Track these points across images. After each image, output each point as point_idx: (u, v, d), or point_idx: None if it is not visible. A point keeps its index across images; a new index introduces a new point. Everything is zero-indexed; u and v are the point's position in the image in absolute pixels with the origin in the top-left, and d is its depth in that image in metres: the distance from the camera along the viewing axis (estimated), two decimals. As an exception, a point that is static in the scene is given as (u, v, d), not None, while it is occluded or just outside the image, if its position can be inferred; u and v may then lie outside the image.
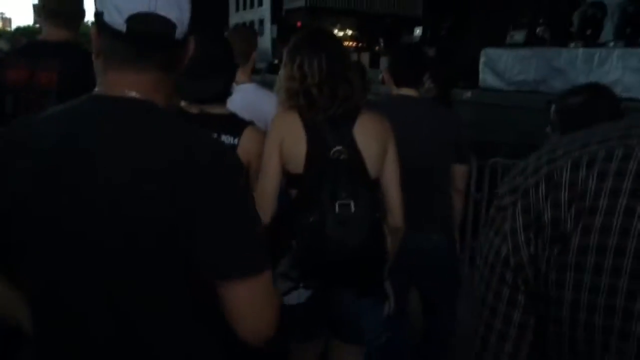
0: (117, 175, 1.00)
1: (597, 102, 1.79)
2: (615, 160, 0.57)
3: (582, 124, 1.76)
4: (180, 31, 1.06)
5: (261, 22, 35.61)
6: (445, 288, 2.97)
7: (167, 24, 1.04)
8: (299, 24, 29.75)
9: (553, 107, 1.84)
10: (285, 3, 31.12)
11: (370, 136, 2.03)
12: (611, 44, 9.45)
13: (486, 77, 11.13)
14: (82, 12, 2.85)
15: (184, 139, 1.06)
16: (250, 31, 3.56)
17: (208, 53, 1.93)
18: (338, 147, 1.95)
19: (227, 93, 2.09)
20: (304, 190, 1.97)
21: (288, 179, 2.01)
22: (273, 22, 32.72)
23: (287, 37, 2.33)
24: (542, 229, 0.60)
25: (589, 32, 9.98)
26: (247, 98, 2.72)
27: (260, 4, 35.67)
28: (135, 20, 1.01)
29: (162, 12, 1.02)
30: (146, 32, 1.03)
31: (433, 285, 2.96)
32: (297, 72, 2.00)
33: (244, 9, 38.09)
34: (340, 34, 29.37)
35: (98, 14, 1.05)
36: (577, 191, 0.58)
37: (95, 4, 1.07)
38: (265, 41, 28.55)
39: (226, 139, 1.99)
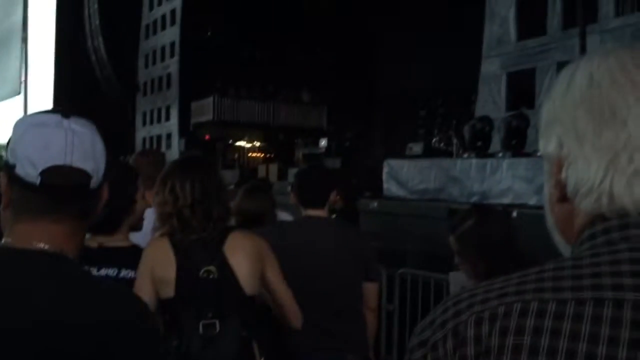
0: (15, 326, 0.95)
1: (485, 223, 1.98)
2: (514, 316, 0.59)
3: (480, 246, 1.92)
4: (95, 181, 1.05)
5: (169, 136, 35.77)
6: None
7: (82, 176, 1.03)
8: (207, 137, 30.19)
9: (451, 237, 1.99)
10: (192, 117, 31.60)
11: (242, 254, 2.05)
12: (500, 154, 10.25)
13: (390, 187, 11.63)
14: None
15: (96, 296, 1.02)
16: (156, 154, 3.56)
17: None
18: (208, 267, 1.98)
19: (116, 223, 2.05)
20: (173, 314, 1.97)
21: (161, 305, 1.98)
22: (181, 135, 32.96)
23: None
24: None
25: (479, 143, 10.82)
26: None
27: (168, 118, 36.00)
28: (49, 172, 1.00)
29: (77, 164, 1.01)
30: (61, 184, 1.01)
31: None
32: (169, 196, 2.04)
33: (151, 123, 38.25)
34: (249, 145, 30.02)
35: (9, 167, 1.03)
36: (482, 347, 0.60)
37: (6, 156, 1.05)
38: (173, 155, 28.55)
39: (126, 273, 1.96)
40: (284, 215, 3.67)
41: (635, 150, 0.61)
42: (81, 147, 1.03)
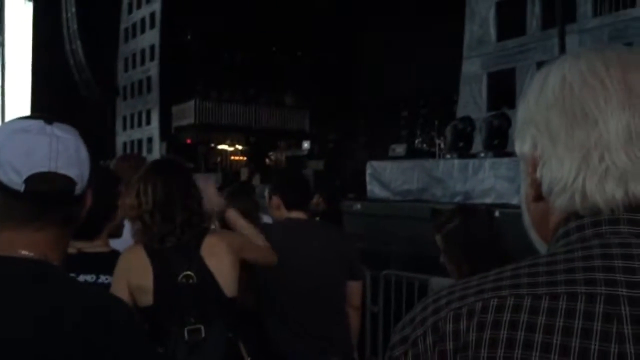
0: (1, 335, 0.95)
1: (470, 223, 2.00)
2: (491, 311, 0.61)
3: (466, 245, 1.91)
4: (79, 187, 1.05)
5: (150, 140, 35.54)
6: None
7: (67, 182, 1.02)
8: (188, 140, 30.02)
9: (437, 236, 2.00)
10: (174, 120, 31.43)
11: (219, 256, 2.03)
12: (482, 154, 10.30)
13: (373, 188, 11.63)
14: None
15: (83, 302, 1.02)
16: (137, 158, 3.50)
17: None
18: (186, 272, 1.96)
19: (96, 228, 2.01)
20: (155, 322, 1.94)
21: (142, 314, 1.95)
22: (162, 139, 32.75)
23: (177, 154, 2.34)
24: None
25: (461, 144, 10.87)
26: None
27: (149, 122, 35.76)
28: (34, 179, 0.98)
29: (62, 170, 1.00)
30: (46, 191, 1.00)
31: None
32: (134, 201, 2.02)
33: (132, 127, 37.97)
34: (231, 149, 29.90)
35: None
36: (460, 342, 0.61)
37: None
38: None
39: (104, 279, 1.92)
40: (267, 219, 3.68)
41: (606, 149, 0.63)
42: (65, 153, 1.02)
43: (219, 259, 2.02)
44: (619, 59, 0.67)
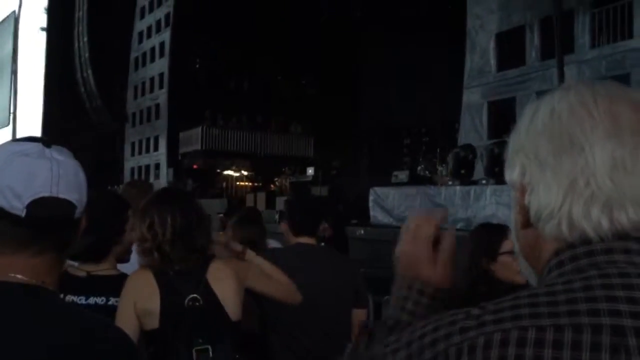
0: None
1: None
2: (495, 347, 0.60)
3: (466, 270, 2.05)
4: (79, 211, 1.03)
5: (157, 166, 35.81)
6: None
7: (68, 207, 1.00)
8: (195, 166, 30.28)
9: None
10: (181, 147, 31.70)
11: (224, 282, 2.06)
12: (483, 181, 10.46)
13: (376, 214, 11.76)
14: None
15: (77, 325, 1.00)
16: (144, 184, 3.57)
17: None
18: (193, 295, 1.99)
19: (103, 251, 2.08)
20: (161, 344, 1.95)
21: (146, 337, 2.00)
22: (169, 165, 33.02)
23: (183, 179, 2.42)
24: None
25: (463, 171, 11.04)
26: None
27: (156, 148, 36.08)
28: (35, 205, 0.96)
29: (63, 195, 0.98)
30: (47, 216, 0.98)
31: None
32: (147, 233, 2.05)
33: (140, 153, 38.29)
34: (236, 174, 30.12)
35: None
36: None
37: None
38: (161, 185, 28.59)
39: (115, 301, 1.98)
40: (273, 243, 3.71)
41: (592, 175, 0.64)
42: (66, 177, 0.99)
43: (224, 284, 2.06)
44: (606, 91, 0.69)
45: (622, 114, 0.66)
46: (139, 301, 1.96)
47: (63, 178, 0.99)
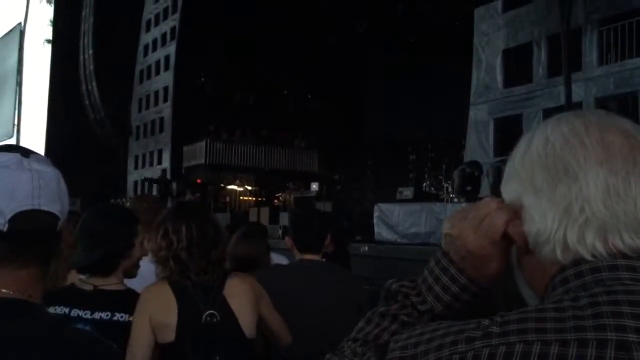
0: None
1: None
2: (499, 358, 0.61)
3: None
4: (61, 222, 1.01)
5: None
6: None
7: (51, 219, 0.99)
8: (198, 180, 30.24)
9: None
10: (185, 160, 31.71)
11: (241, 298, 2.09)
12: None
13: (380, 231, 11.65)
14: None
15: (64, 340, 0.99)
16: (155, 199, 3.58)
17: (87, 227, 2.04)
18: (210, 311, 2.01)
19: (111, 265, 2.07)
20: (175, 359, 1.97)
21: (161, 350, 1.99)
22: (173, 179, 33.01)
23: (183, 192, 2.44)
24: None
25: (469, 188, 10.94)
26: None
27: (160, 162, 36.10)
28: (18, 218, 0.94)
29: (45, 207, 0.97)
30: (30, 229, 0.96)
31: None
32: (162, 241, 2.07)
33: (143, 166, 38.32)
34: (240, 189, 30.08)
35: None
36: None
37: None
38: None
39: (120, 316, 1.97)
40: (277, 258, 3.67)
41: (586, 202, 0.67)
42: (47, 188, 0.98)
43: (241, 301, 2.08)
44: (597, 121, 0.72)
45: (613, 142, 0.68)
46: (156, 313, 1.97)
47: (44, 189, 0.97)
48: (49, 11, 43.22)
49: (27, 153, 0.99)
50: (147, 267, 2.59)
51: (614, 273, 0.65)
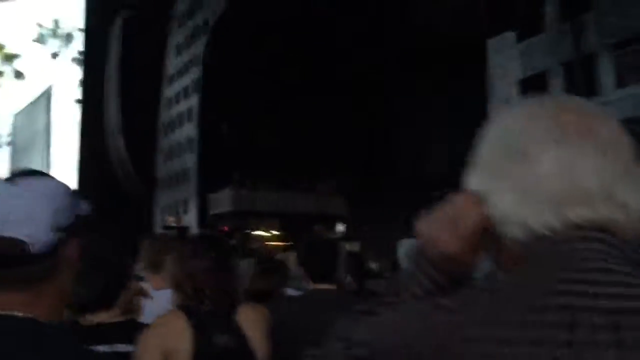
0: None
1: None
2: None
3: None
4: (37, 246, 0.99)
5: (187, 229, 36.00)
6: None
7: (13, 244, 0.97)
8: (225, 228, 30.34)
9: None
10: (211, 208, 31.92)
11: (254, 326, 2.12)
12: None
13: (408, 267, 11.51)
14: None
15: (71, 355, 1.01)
16: (161, 241, 3.61)
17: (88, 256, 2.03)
18: (224, 337, 2.03)
19: (112, 296, 2.05)
20: None
21: None
22: (200, 227, 33.19)
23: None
24: None
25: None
26: (162, 304, 2.71)
27: (186, 211, 36.43)
28: None
29: (9, 232, 0.97)
30: None
31: None
32: (181, 266, 2.14)
33: (169, 215, 38.65)
34: (267, 234, 30.07)
35: None
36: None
37: None
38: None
39: (122, 347, 1.94)
40: (292, 292, 3.68)
41: (541, 180, 0.69)
42: (14, 214, 0.98)
43: (255, 328, 2.11)
44: (555, 102, 0.75)
45: (568, 122, 0.70)
46: (169, 341, 1.97)
47: (10, 215, 0.98)
48: (79, 72, 44.66)
49: (14, 179, 1.03)
50: (166, 296, 2.64)
51: (569, 245, 0.67)
